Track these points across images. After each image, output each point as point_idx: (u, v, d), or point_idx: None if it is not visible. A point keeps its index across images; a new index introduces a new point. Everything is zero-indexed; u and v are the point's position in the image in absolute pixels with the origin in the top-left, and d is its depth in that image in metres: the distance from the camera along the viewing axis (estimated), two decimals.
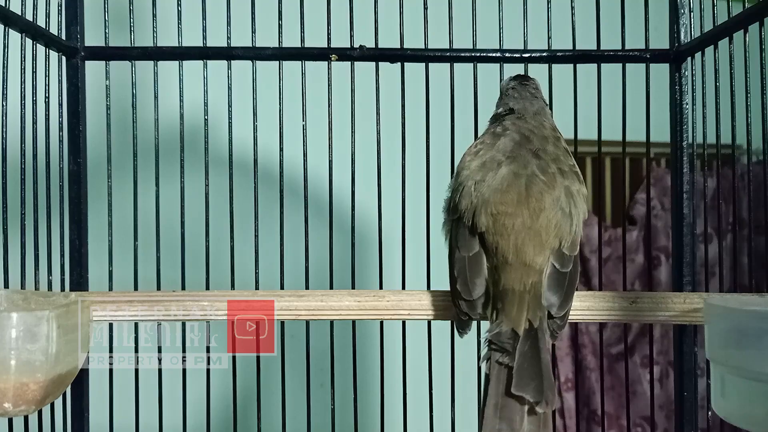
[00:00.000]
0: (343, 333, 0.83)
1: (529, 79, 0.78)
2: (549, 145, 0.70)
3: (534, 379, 0.59)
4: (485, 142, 0.71)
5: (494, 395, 0.59)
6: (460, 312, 0.66)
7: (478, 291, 0.65)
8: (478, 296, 0.65)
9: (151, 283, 0.81)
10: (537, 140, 0.70)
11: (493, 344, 0.62)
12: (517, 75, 0.79)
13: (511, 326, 0.62)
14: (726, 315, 0.62)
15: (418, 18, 0.85)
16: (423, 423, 0.82)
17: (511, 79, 0.78)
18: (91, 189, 0.87)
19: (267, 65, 0.85)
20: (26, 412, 0.62)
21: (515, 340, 0.61)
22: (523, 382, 0.59)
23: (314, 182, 0.85)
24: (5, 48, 0.71)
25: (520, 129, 0.71)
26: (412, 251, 0.84)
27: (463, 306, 0.66)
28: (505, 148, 0.69)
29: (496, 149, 0.69)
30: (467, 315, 0.66)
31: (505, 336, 0.62)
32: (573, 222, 0.67)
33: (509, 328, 0.62)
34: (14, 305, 0.68)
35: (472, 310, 0.66)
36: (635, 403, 1.98)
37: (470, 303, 0.65)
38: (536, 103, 0.75)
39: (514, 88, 0.76)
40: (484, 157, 0.69)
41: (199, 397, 0.82)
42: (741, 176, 1.73)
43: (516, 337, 0.62)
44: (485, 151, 0.70)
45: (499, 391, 0.59)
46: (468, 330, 0.68)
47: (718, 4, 0.82)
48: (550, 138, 0.71)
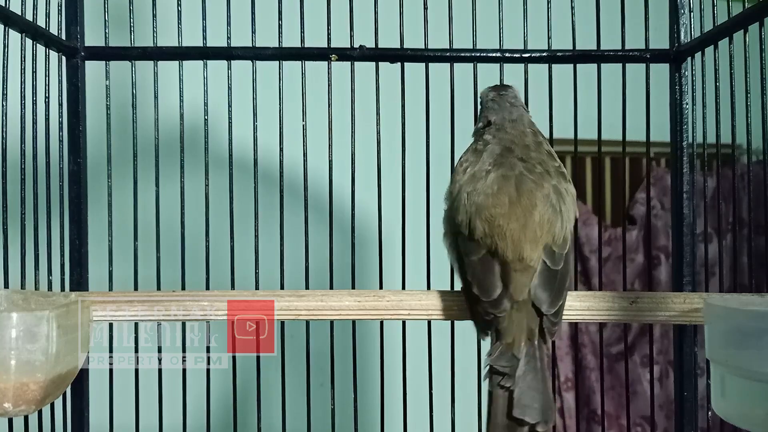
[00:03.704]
0: (343, 333, 0.83)
1: (507, 87, 0.78)
2: (532, 152, 0.71)
3: (534, 401, 0.63)
4: (469, 160, 0.72)
5: (496, 416, 0.63)
6: (484, 312, 0.66)
7: (497, 290, 0.65)
8: (498, 294, 0.65)
9: (151, 283, 0.81)
10: (519, 149, 0.71)
11: (493, 368, 0.64)
12: (495, 85, 0.79)
13: (511, 351, 0.64)
14: (726, 315, 0.62)
15: (418, 18, 0.85)
16: (423, 423, 0.82)
17: (489, 89, 0.78)
18: (91, 189, 0.87)
19: (267, 65, 0.85)
20: (26, 412, 0.62)
21: (514, 362, 0.64)
22: (523, 404, 0.63)
23: (314, 182, 0.85)
24: (5, 48, 0.71)
25: (501, 141, 0.72)
26: (412, 251, 0.84)
27: (487, 306, 0.65)
28: (489, 158, 0.70)
29: (482, 162, 0.70)
30: (492, 314, 0.65)
31: (504, 359, 0.64)
32: (563, 219, 0.68)
33: (508, 352, 0.64)
34: (14, 305, 0.68)
35: (496, 307, 0.65)
36: (635, 403, 1.98)
37: (492, 302, 0.65)
38: (515, 111, 0.75)
39: (493, 99, 0.76)
40: (472, 170, 0.70)
41: (199, 397, 0.82)
42: (741, 176, 1.73)
43: (515, 360, 0.64)
44: (471, 167, 0.71)
45: (501, 412, 0.63)
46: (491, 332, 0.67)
47: (718, 4, 0.82)
48: (532, 145, 0.72)
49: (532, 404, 0.62)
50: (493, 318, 0.66)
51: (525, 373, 0.63)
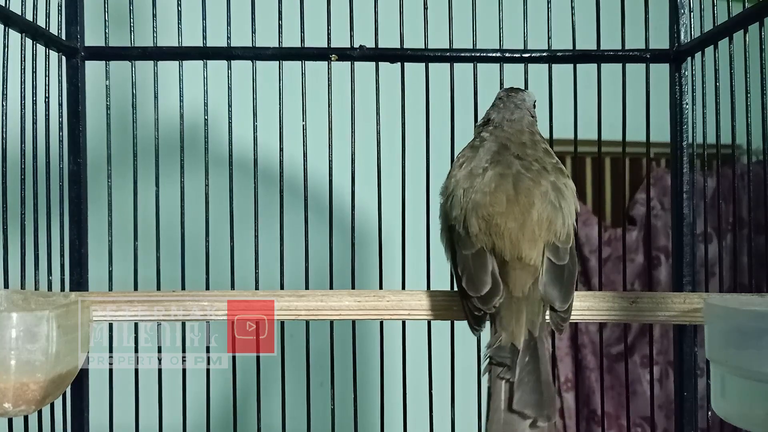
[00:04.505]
0: (343, 333, 0.83)
1: (519, 90, 0.77)
2: (528, 150, 0.71)
3: (534, 394, 0.60)
4: (466, 155, 0.72)
5: (496, 410, 0.60)
6: (473, 308, 0.65)
7: (486, 286, 0.65)
8: (487, 290, 0.65)
9: (151, 283, 0.81)
10: (515, 147, 0.71)
11: (493, 359, 0.62)
12: (510, 87, 0.79)
13: (511, 341, 0.63)
14: (726, 315, 0.62)
15: (418, 18, 0.85)
16: (423, 423, 0.82)
17: (503, 90, 0.78)
18: (91, 189, 0.87)
19: (267, 65, 0.85)
20: (26, 412, 0.62)
21: (515, 354, 0.62)
22: (524, 398, 0.59)
23: (314, 182, 0.85)
24: (5, 48, 0.71)
25: (497, 138, 0.72)
26: (412, 251, 0.84)
27: (476, 302, 0.65)
28: (486, 156, 0.70)
29: (478, 159, 0.70)
30: (481, 310, 0.65)
31: (504, 351, 0.62)
32: (564, 214, 0.67)
33: (508, 343, 0.62)
34: (14, 305, 0.67)
35: (486, 303, 0.65)
36: (635, 403, 1.98)
37: (481, 298, 0.65)
38: (517, 112, 0.74)
39: (501, 98, 0.76)
40: (469, 166, 0.70)
41: (199, 397, 0.82)
42: (741, 176, 1.73)
43: (516, 351, 0.62)
44: (468, 163, 0.70)
45: (501, 407, 0.60)
46: (483, 327, 0.67)
47: (718, 4, 0.83)
48: (528, 143, 0.72)
49: (534, 397, 0.59)
50: (483, 314, 0.65)
51: (526, 365, 0.61)
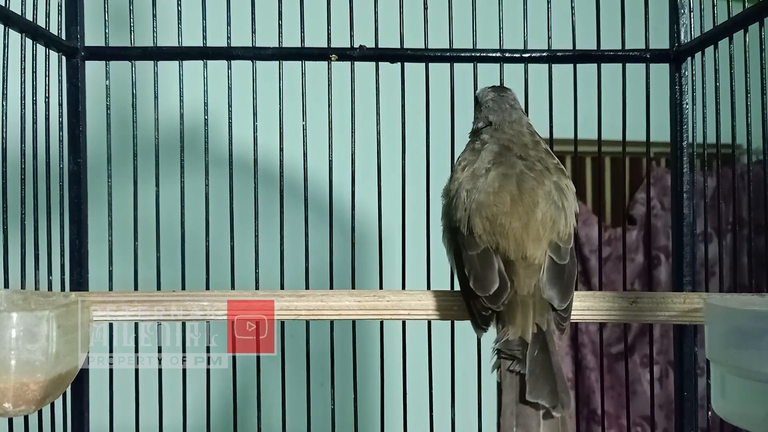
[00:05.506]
0: (343, 333, 0.83)
1: (506, 90, 0.78)
2: (530, 150, 0.71)
3: (547, 383, 0.59)
4: (467, 159, 0.72)
5: (509, 403, 0.59)
6: (482, 308, 0.65)
7: (494, 285, 0.65)
8: (495, 289, 0.64)
9: (151, 283, 0.81)
10: (517, 148, 0.71)
11: (503, 353, 0.62)
12: (494, 86, 0.79)
13: (519, 334, 0.62)
14: (726, 315, 0.62)
15: (418, 18, 0.85)
16: (423, 423, 0.82)
17: (488, 89, 0.78)
18: (91, 189, 0.87)
19: (267, 65, 0.85)
20: (26, 412, 0.62)
21: (524, 346, 0.61)
22: (537, 388, 0.59)
23: (314, 182, 0.85)
24: (5, 48, 0.71)
25: (499, 140, 0.72)
26: (412, 251, 0.84)
27: (484, 301, 0.65)
28: (488, 157, 0.70)
29: (480, 160, 0.70)
30: (489, 309, 0.65)
31: (513, 344, 0.62)
32: (566, 214, 0.68)
33: (517, 336, 0.62)
34: (14, 305, 0.67)
35: (494, 302, 0.64)
36: (635, 403, 1.97)
37: (490, 297, 0.65)
38: (514, 114, 0.75)
39: (493, 99, 0.76)
40: (471, 168, 0.70)
41: (199, 397, 0.82)
42: (741, 176, 1.73)
43: (525, 344, 0.62)
44: (470, 165, 0.70)
45: (514, 399, 0.59)
46: (488, 327, 0.66)
47: (718, 4, 0.82)
48: (530, 144, 0.72)
49: (547, 387, 0.58)
50: (490, 313, 0.65)
51: (536, 356, 0.61)
